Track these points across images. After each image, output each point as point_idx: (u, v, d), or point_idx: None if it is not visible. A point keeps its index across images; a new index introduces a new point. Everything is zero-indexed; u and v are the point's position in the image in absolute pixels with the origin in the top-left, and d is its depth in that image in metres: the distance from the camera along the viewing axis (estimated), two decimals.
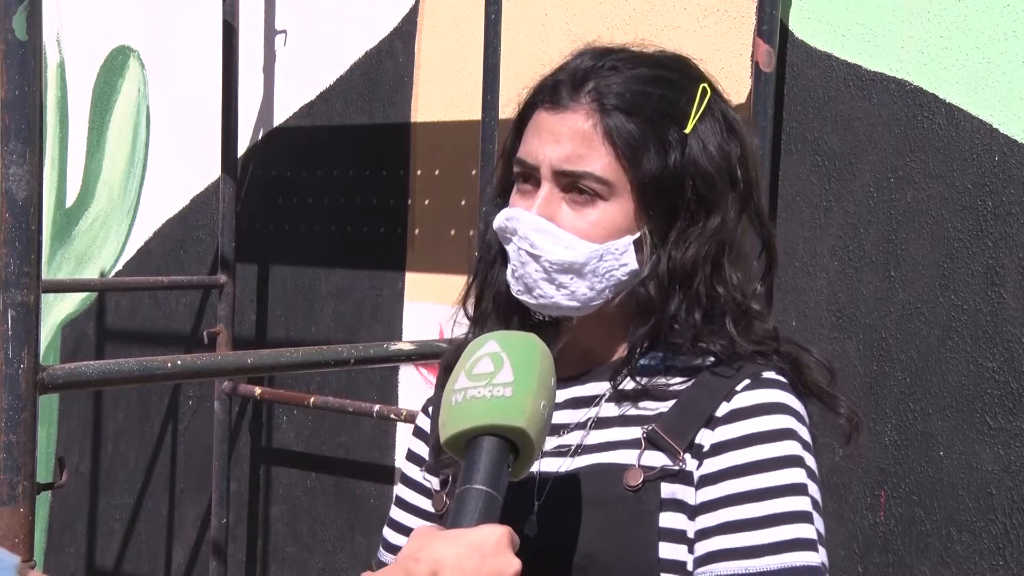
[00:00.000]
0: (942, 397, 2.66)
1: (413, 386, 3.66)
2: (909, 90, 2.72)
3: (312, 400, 3.74)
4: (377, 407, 3.54)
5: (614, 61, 1.44)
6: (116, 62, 4.61)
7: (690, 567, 1.37)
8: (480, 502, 1.26)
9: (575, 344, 1.49)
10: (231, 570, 4.06)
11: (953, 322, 2.64)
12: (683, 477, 1.38)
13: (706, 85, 1.45)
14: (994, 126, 2.60)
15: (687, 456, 1.38)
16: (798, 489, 1.36)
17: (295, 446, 4.00)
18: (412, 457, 1.61)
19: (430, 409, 1.61)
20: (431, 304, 3.59)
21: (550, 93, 1.45)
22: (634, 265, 1.42)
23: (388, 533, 1.63)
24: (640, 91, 1.42)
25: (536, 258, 1.42)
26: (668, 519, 1.37)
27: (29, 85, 2.07)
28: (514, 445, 1.29)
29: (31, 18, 2.06)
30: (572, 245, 1.41)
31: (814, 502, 1.38)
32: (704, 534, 1.36)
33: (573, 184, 1.41)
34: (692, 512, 1.38)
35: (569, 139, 1.41)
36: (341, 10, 3.87)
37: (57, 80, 4.83)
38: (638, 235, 1.42)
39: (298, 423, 3.99)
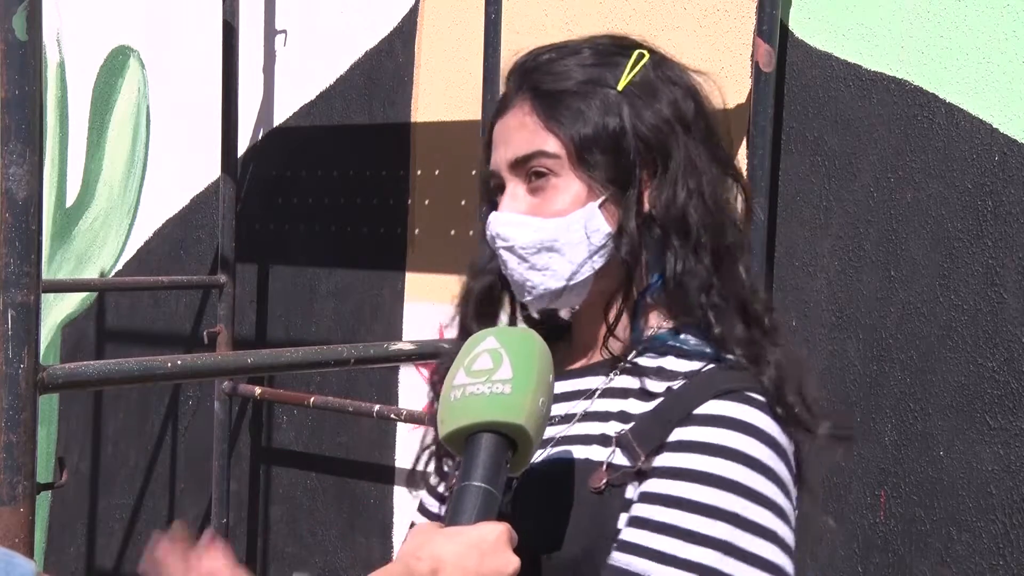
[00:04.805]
0: (942, 397, 2.66)
1: (413, 386, 3.66)
2: (909, 90, 2.72)
3: (312, 400, 3.74)
4: (377, 407, 3.54)
5: (550, 53, 1.48)
6: (116, 62, 4.61)
7: None
8: (479, 499, 1.27)
9: (580, 334, 1.51)
10: None
11: (953, 322, 2.64)
12: (640, 478, 1.36)
13: (644, 51, 1.48)
14: (994, 126, 2.60)
15: (648, 460, 1.36)
16: (718, 513, 1.31)
17: (295, 446, 4.00)
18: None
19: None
20: (431, 304, 3.59)
21: (500, 103, 1.51)
22: (607, 228, 1.43)
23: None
24: (568, 67, 1.46)
25: (511, 249, 1.44)
26: (624, 521, 1.36)
27: (29, 85, 2.07)
28: (512, 442, 1.30)
29: (31, 18, 2.06)
30: (537, 226, 1.43)
31: (749, 525, 1.32)
32: (627, 523, 1.35)
33: (528, 171, 1.44)
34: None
35: (515, 132, 1.46)
36: (341, 10, 3.87)
37: (57, 80, 4.83)
38: (602, 199, 1.43)
39: (298, 423, 3.99)
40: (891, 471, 2.72)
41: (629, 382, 1.43)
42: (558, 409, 1.44)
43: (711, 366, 1.41)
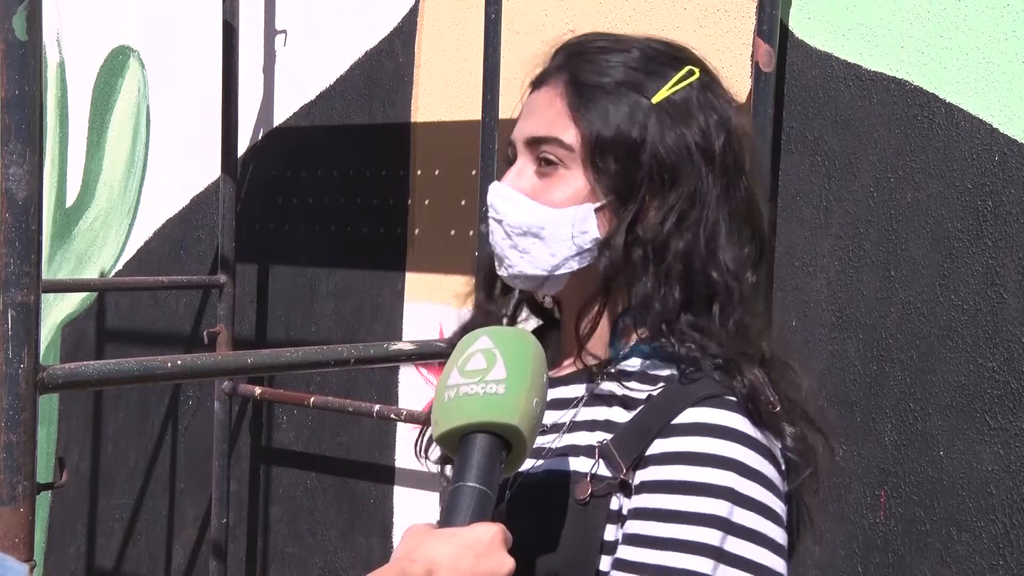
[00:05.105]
0: (942, 397, 2.66)
1: (413, 386, 3.66)
2: (909, 90, 2.72)
3: (312, 400, 3.74)
4: (377, 407, 3.54)
5: (603, 42, 1.46)
6: (116, 62, 4.61)
7: None
8: (473, 500, 1.26)
9: (567, 340, 1.49)
10: (231, 570, 4.06)
11: (953, 322, 2.64)
12: (624, 490, 1.36)
13: (694, 68, 1.44)
14: (994, 126, 2.60)
15: (631, 471, 1.36)
16: (709, 520, 1.31)
17: (295, 446, 4.00)
18: None
19: None
20: (431, 304, 3.59)
21: (539, 75, 1.48)
22: (596, 233, 1.42)
23: None
24: (613, 63, 1.43)
25: (500, 223, 1.44)
26: (611, 532, 1.36)
27: (29, 85, 2.07)
28: (507, 442, 1.29)
29: (31, 18, 2.06)
30: (531, 209, 1.42)
31: (741, 530, 1.33)
32: (621, 540, 1.35)
33: (540, 153, 1.43)
34: (624, 522, 1.36)
35: (541, 109, 1.44)
36: (341, 10, 3.87)
37: (57, 80, 4.83)
38: (600, 203, 1.42)
39: (298, 423, 3.99)
40: (891, 471, 2.72)
41: (612, 389, 1.42)
42: (547, 418, 1.43)
43: (687, 372, 1.39)
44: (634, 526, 1.34)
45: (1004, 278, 2.58)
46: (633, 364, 1.43)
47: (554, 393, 1.45)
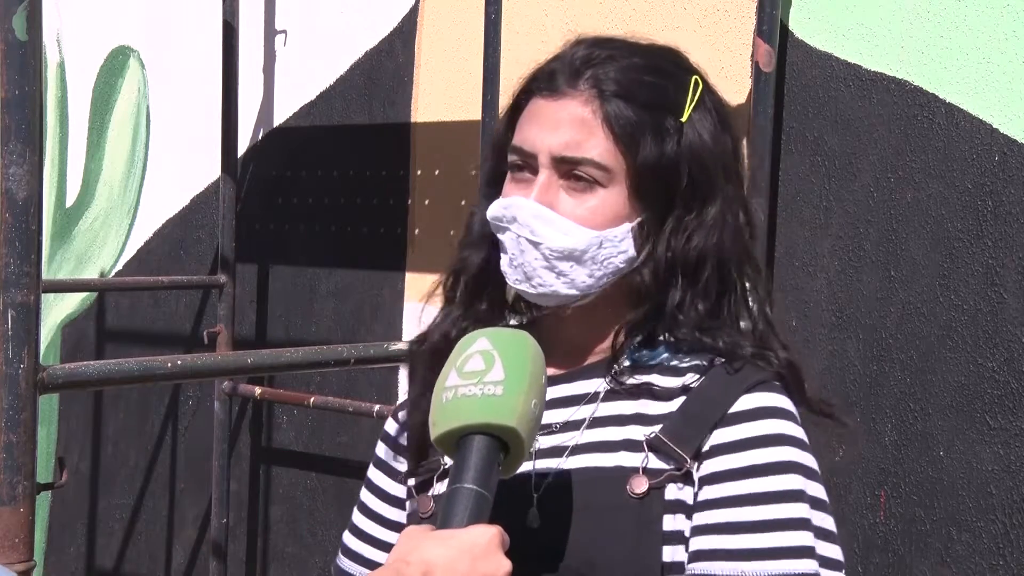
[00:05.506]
0: (942, 397, 2.66)
1: None
2: (909, 90, 2.72)
3: (312, 400, 3.74)
4: (377, 407, 3.53)
5: (610, 50, 1.45)
6: (116, 62, 4.61)
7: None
8: (471, 502, 1.26)
9: (563, 339, 1.48)
10: (231, 570, 4.06)
11: (953, 322, 2.64)
12: (684, 479, 1.38)
13: (698, 77, 1.46)
14: (994, 126, 2.60)
15: (693, 462, 1.38)
16: (795, 496, 1.36)
17: (295, 446, 4.00)
18: (379, 464, 1.61)
19: (399, 415, 1.59)
20: (431, 304, 3.58)
21: (547, 81, 1.45)
22: (632, 252, 1.42)
23: (349, 539, 1.64)
24: (637, 79, 1.43)
25: (536, 245, 1.41)
26: (670, 522, 1.37)
27: (29, 85, 2.07)
28: (504, 444, 1.29)
29: (31, 18, 2.06)
30: (571, 232, 1.41)
31: (816, 502, 1.38)
32: (699, 531, 1.36)
33: (571, 171, 1.41)
34: (690, 512, 1.37)
35: (568, 125, 1.41)
36: (341, 10, 3.87)
37: (57, 80, 4.83)
38: (636, 222, 1.42)
39: (298, 423, 3.99)
40: (891, 471, 2.72)
41: (634, 382, 1.42)
42: (557, 416, 1.43)
43: (721, 361, 1.42)
44: (718, 515, 1.35)
45: (1004, 278, 2.58)
46: (651, 357, 1.44)
47: (560, 391, 1.45)
